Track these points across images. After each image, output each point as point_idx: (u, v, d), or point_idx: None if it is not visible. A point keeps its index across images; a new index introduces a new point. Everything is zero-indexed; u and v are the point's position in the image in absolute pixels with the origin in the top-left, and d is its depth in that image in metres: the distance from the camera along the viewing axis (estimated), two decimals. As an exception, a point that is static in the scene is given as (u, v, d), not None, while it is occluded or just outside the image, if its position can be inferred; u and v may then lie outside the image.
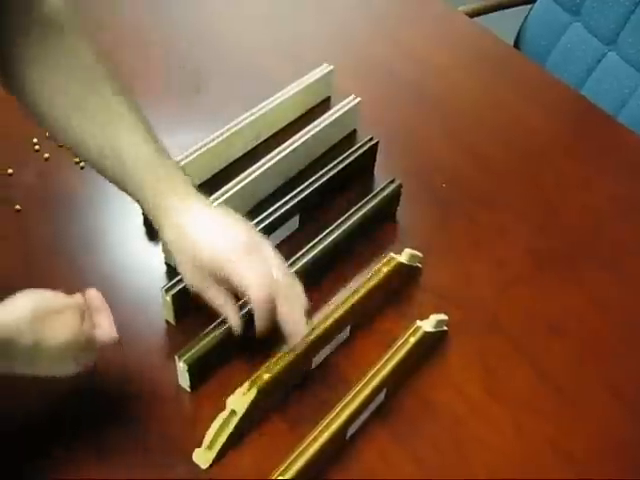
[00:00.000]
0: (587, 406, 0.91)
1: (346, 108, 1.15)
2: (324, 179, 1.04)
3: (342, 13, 1.48)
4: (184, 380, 0.86)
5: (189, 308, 0.93)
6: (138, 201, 0.85)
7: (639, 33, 1.46)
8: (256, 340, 0.87)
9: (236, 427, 0.81)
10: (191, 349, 0.85)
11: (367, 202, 1.03)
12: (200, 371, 0.86)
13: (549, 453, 0.86)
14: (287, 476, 0.76)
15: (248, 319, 0.88)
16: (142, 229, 1.04)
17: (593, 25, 1.54)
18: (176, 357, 0.84)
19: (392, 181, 1.06)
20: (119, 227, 1.05)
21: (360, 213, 1.01)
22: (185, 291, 0.90)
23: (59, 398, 0.85)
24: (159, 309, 0.93)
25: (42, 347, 0.71)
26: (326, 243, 0.97)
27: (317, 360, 0.90)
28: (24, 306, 0.71)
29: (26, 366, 0.72)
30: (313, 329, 0.87)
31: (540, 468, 0.85)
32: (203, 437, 0.81)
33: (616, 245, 1.09)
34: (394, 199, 1.07)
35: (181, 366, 0.84)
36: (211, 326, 0.87)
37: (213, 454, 0.81)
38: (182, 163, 1.04)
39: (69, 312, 0.74)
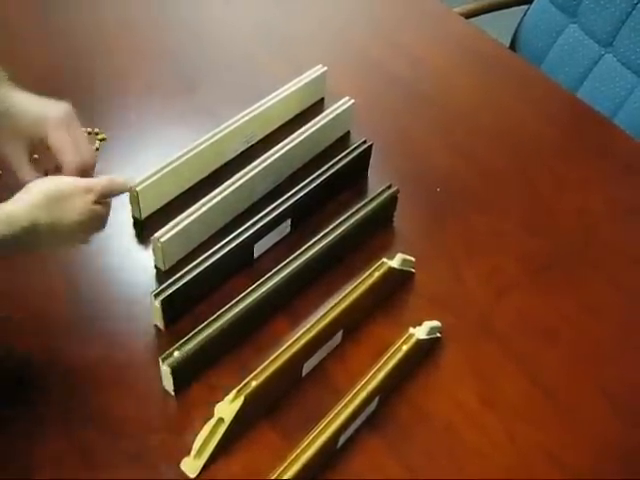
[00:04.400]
0: (581, 412, 0.90)
1: (340, 110, 1.14)
2: (317, 182, 1.03)
3: (337, 14, 1.47)
4: (168, 383, 0.85)
5: (178, 313, 0.92)
6: None
7: (636, 35, 1.45)
8: (245, 345, 0.86)
9: (224, 435, 0.80)
10: (175, 352, 0.84)
11: (363, 207, 1.02)
12: (184, 374, 0.85)
13: (542, 460, 0.85)
14: (277, 484, 0.76)
15: (236, 321, 0.87)
16: (132, 232, 1.03)
17: (590, 27, 1.53)
18: (160, 360, 0.83)
19: (389, 186, 1.05)
20: (109, 230, 1.03)
21: (355, 218, 1.00)
22: (175, 296, 0.89)
23: (43, 398, 0.84)
24: (148, 313, 0.91)
25: (57, 228, 0.81)
26: (318, 248, 0.96)
27: (308, 367, 0.88)
28: (38, 193, 0.80)
29: (41, 245, 0.83)
30: (303, 334, 0.86)
31: (533, 475, 0.84)
32: (191, 443, 0.80)
33: (611, 249, 1.08)
34: (391, 205, 1.06)
35: (164, 369, 0.83)
36: (196, 329, 0.85)
37: (201, 463, 0.80)
38: (174, 164, 1.03)
39: (78, 195, 0.83)
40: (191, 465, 0.80)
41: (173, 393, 0.86)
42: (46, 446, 0.81)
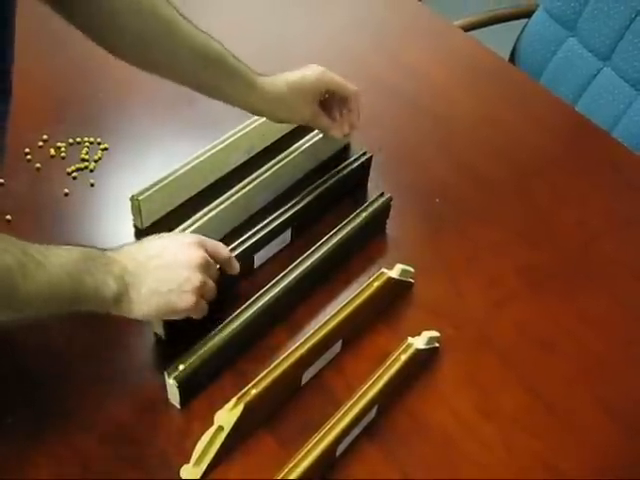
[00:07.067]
0: (579, 424, 0.90)
1: (340, 121, 1.15)
2: (316, 193, 1.04)
3: (338, 26, 1.47)
4: (174, 397, 0.85)
5: (180, 323, 0.92)
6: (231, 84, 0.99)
7: (634, 49, 1.46)
8: (245, 354, 0.86)
9: (224, 443, 0.80)
10: (180, 366, 0.84)
11: (356, 216, 1.02)
12: (190, 388, 0.85)
13: (540, 472, 0.86)
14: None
15: (238, 331, 0.87)
16: (133, 240, 1.03)
17: (589, 40, 1.54)
18: (165, 374, 0.83)
19: (381, 194, 1.05)
20: (110, 238, 1.04)
21: (350, 227, 1.01)
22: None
23: (44, 404, 0.84)
24: (150, 323, 0.92)
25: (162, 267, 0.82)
26: (317, 257, 0.96)
27: (307, 376, 0.89)
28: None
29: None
30: (303, 343, 0.86)
31: (531, 487, 0.84)
32: (191, 451, 0.80)
33: (610, 262, 1.09)
34: (384, 212, 1.07)
35: (171, 383, 0.83)
36: (201, 342, 0.86)
37: (201, 470, 0.80)
38: (176, 174, 1.03)
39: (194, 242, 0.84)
40: (191, 472, 0.80)
41: (179, 406, 0.86)
42: (46, 452, 0.81)
